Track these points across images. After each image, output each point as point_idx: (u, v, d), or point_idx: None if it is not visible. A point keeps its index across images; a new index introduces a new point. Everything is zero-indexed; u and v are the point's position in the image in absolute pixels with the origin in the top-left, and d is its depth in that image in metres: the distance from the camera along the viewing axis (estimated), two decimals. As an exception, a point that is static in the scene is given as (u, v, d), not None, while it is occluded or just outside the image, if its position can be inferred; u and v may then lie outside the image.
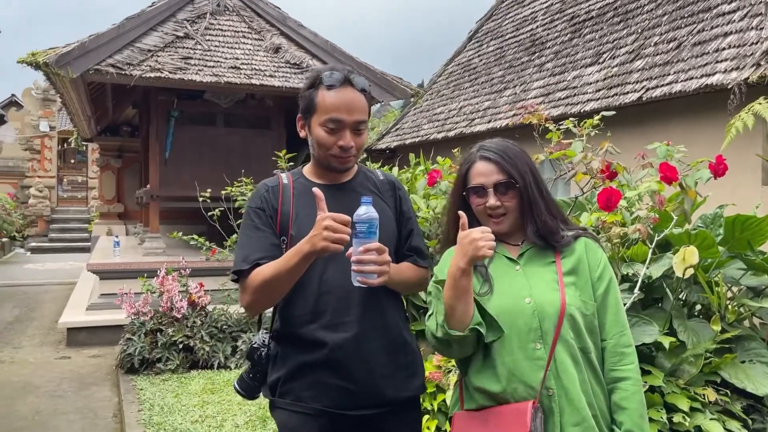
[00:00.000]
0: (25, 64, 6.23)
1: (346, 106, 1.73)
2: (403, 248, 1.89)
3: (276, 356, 1.83)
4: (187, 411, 4.41)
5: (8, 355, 6.45)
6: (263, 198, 1.82)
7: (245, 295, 1.75)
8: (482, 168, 1.69)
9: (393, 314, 1.83)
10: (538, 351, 1.58)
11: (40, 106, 20.80)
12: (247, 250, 1.76)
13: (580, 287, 1.63)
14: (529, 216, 1.67)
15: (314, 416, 1.75)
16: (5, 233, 16.41)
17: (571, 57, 7.67)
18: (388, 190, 1.91)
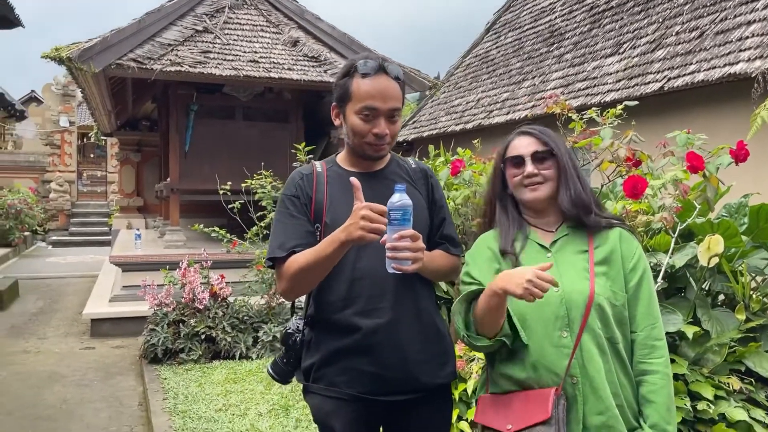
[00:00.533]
0: (48, 58, 6.32)
1: (380, 93, 1.74)
2: (435, 236, 1.90)
3: (310, 342, 1.85)
4: (210, 400, 4.47)
5: (34, 346, 6.58)
6: (298, 186, 1.84)
7: (282, 281, 1.78)
8: (520, 141, 1.75)
9: (426, 302, 1.85)
10: (564, 339, 1.59)
11: (59, 101, 21.02)
12: (282, 238, 1.78)
13: (612, 277, 1.64)
14: (564, 187, 1.69)
15: (347, 401, 1.77)
16: (27, 227, 16.62)
17: (590, 47, 7.62)
18: (421, 179, 1.92)
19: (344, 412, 1.78)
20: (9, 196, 16.21)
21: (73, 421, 4.43)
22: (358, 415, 1.79)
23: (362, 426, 1.81)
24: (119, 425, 4.36)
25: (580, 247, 1.68)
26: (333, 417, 1.79)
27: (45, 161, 19.88)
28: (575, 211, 1.68)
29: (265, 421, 4.02)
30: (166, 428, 4.00)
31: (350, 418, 1.78)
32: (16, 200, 16.12)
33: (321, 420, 1.84)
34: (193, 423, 4.03)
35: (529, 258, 1.69)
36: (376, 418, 1.84)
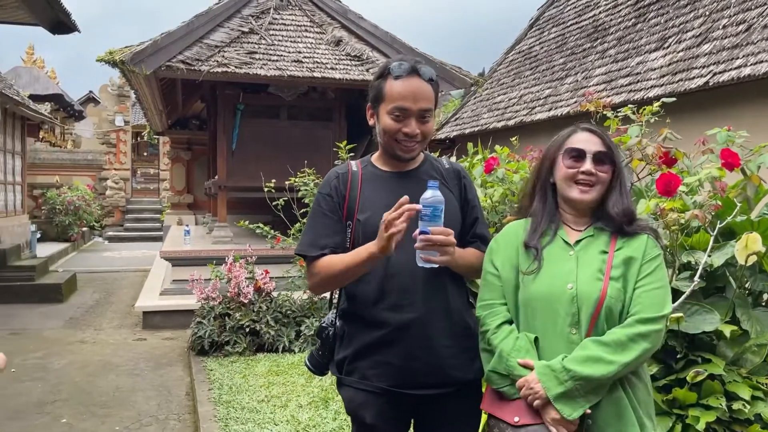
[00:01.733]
0: (103, 62, 6.60)
1: (412, 94, 1.79)
2: (467, 235, 1.94)
3: (343, 335, 1.92)
4: (253, 391, 4.62)
5: (90, 336, 6.89)
6: (332, 185, 1.91)
7: (312, 279, 1.88)
8: (585, 136, 1.75)
9: (456, 298, 1.89)
10: (573, 336, 1.63)
11: (115, 101, 21.80)
12: (314, 236, 1.87)
13: (628, 280, 1.65)
14: (618, 194, 1.72)
15: (379, 394, 1.83)
16: (85, 223, 17.31)
17: (634, 42, 7.48)
18: (454, 179, 1.96)
19: (375, 405, 1.84)
20: (68, 193, 16.91)
21: (126, 408, 4.65)
22: (388, 408, 1.85)
23: (392, 418, 1.87)
24: (168, 413, 4.55)
25: (601, 248, 1.70)
26: (364, 409, 1.86)
27: (102, 159, 20.64)
28: (621, 220, 1.69)
29: (305, 413, 4.13)
30: (211, 417, 4.16)
31: (381, 410, 1.84)
32: (74, 197, 16.81)
33: (353, 412, 1.90)
34: (237, 413, 4.18)
35: (553, 253, 1.72)
36: (407, 411, 1.90)
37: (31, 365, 5.72)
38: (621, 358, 1.57)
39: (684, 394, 2.41)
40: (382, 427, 1.87)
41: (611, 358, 1.57)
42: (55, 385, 5.15)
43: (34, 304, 8.66)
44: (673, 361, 2.56)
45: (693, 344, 2.52)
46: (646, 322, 1.60)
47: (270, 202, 6.37)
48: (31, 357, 5.99)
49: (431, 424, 1.92)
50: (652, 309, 1.61)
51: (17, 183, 12.13)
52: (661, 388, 2.52)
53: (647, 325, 1.59)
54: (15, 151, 11.96)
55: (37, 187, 17.23)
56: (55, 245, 14.70)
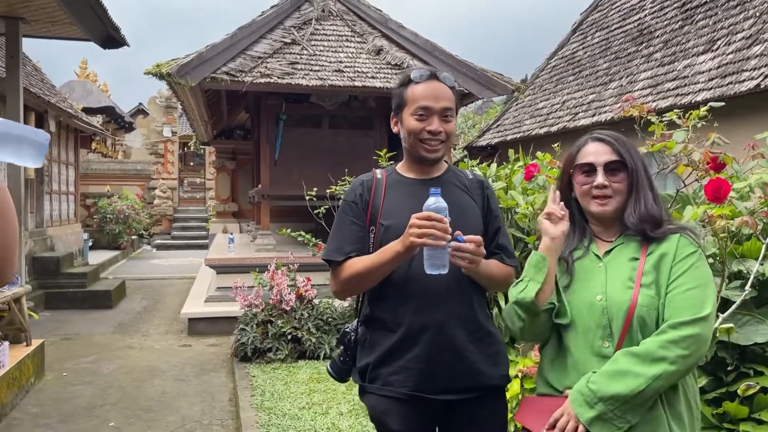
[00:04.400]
0: (151, 74, 6.79)
1: (433, 94, 1.85)
2: (490, 246, 1.92)
3: (365, 342, 1.93)
4: (295, 398, 4.66)
5: (138, 342, 7.07)
6: (357, 192, 1.95)
7: (336, 282, 1.90)
8: (594, 148, 1.68)
9: (478, 306, 1.89)
10: (606, 348, 1.56)
11: (163, 113, 22.45)
12: (340, 242, 1.89)
13: (660, 284, 1.56)
14: (634, 201, 1.63)
15: (402, 400, 1.83)
16: (134, 231, 17.80)
17: (681, 45, 7.29)
18: (477, 189, 1.97)
19: (399, 411, 1.84)
20: (118, 202, 17.44)
21: (171, 412, 4.75)
22: (412, 414, 1.84)
23: (417, 424, 1.86)
24: (211, 418, 4.62)
25: (632, 254, 1.62)
26: (388, 416, 1.86)
27: (150, 169, 21.22)
28: (642, 227, 1.61)
29: (345, 421, 4.14)
30: (253, 423, 4.21)
31: (405, 416, 1.84)
32: (124, 206, 17.33)
33: (377, 419, 1.91)
34: (278, 419, 4.22)
35: (584, 266, 1.68)
36: (432, 416, 1.88)
37: (82, 369, 5.90)
38: (650, 370, 1.45)
39: (735, 407, 2.33)
40: None
41: (639, 370, 1.46)
42: (104, 389, 5.30)
43: (86, 310, 8.95)
44: (724, 373, 2.48)
45: (744, 356, 2.44)
46: (680, 326, 1.47)
47: (311, 211, 6.43)
48: (82, 361, 6.18)
49: (456, 430, 1.91)
50: (686, 312, 1.48)
51: (70, 193, 12.57)
52: (710, 402, 2.45)
53: (680, 330, 1.47)
54: (69, 162, 12.40)
55: (90, 197, 17.82)
56: (106, 253, 15.16)
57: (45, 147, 1.18)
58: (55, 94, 11.18)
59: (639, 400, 1.46)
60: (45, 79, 11.51)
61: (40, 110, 9.82)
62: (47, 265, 9.56)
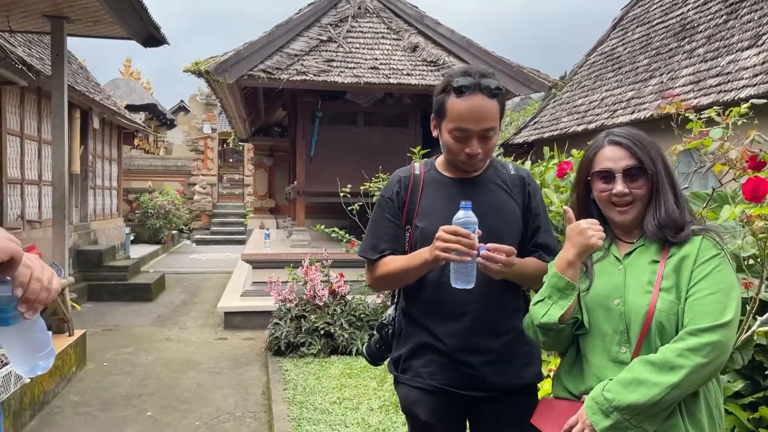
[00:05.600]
0: (189, 72, 6.93)
1: (473, 115, 1.74)
2: (529, 244, 1.90)
3: (400, 334, 1.96)
4: (326, 392, 4.70)
5: (176, 335, 7.23)
6: (394, 189, 1.94)
7: (371, 278, 1.94)
8: (611, 153, 1.60)
9: (512, 304, 1.88)
10: (623, 354, 1.52)
11: (203, 110, 22.84)
12: (375, 239, 1.92)
13: (682, 289, 1.49)
14: (654, 206, 1.57)
15: (432, 392, 1.86)
16: (174, 226, 18.18)
17: (725, 41, 7.08)
18: (518, 185, 1.92)
19: (428, 402, 1.86)
20: (159, 198, 17.83)
21: (206, 404, 4.84)
22: (441, 406, 1.86)
23: (446, 416, 1.88)
24: (244, 411, 4.70)
25: (652, 257, 1.56)
26: (417, 406, 1.88)
27: (190, 165, 21.62)
28: (661, 234, 1.55)
29: (375, 416, 4.16)
30: (284, 416, 4.26)
31: (434, 408, 1.86)
32: (165, 201, 17.71)
33: (407, 409, 1.93)
34: (309, 413, 4.26)
35: (604, 269, 1.63)
36: (461, 410, 1.90)
37: (122, 360, 6.06)
38: (667, 379, 1.40)
39: (772, 413, 2.27)
40: (435, 425, 1.89)
41: (656, 379, 1.41)
42: (142, 380, 5.44)
43: (126, 302, 9.19)
44: (761, 377, 2.42)
45: (786, 361, 2.37)
46: (699, 333, 1.41)
47: (345, 207, 6.46)
48: (122, 352, 6.35)
49: (486, 426, 1.91)
50: (705, 318, 1.42)
51: (113, 188, 12.91)
52: (746, 406, 2.39)
53: (699, 337, 1.40)
54: (112, 158, 12.74)
55: (132, 192, 18.28)
56: (147, 247, 15.51)
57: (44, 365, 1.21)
58: (99, 92, 11.49)
59: (656, 409, 1.42)
60: (90, 77, 11.84)
61: (85, 108, 10.11)
62: (90, 258, 9.85)
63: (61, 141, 5.86)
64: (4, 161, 7.67)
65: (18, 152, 8.15)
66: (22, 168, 8.25)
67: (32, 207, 8.64)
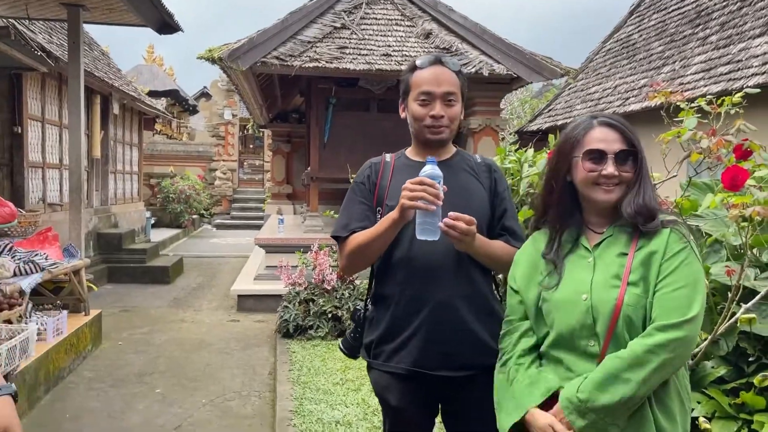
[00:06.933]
0: (203, 59, 7.04)
1: (435, 79, 1.90)
2: (496, 227, 1.98)
3: (372, 319, 2.01)
4: (330, 374, 4.81)
5: (190, 316, 7.41)
6: (366, 174, 2.04)
7: (342, 258, 1.98)
8: (603, 134, 1.59)
9: (481, 285, 1.93)
10: (591, 347, 1.53)
11: (224, 96, 23.04)
12: (347, 219, 1.97)
13: (650, 282, 1.51)
14: (635, 192, 1.56)
15: (402, 376, 1.90)
16: (195, 211, 18.45)
17: (738, 28, 6.97)
18: (484, 172, 2.02)
19: (399, 387, 1.91)
20: (180, 183, 18.09)
21: (214, 382, 4.99)
22: (412, 389, 1.91)
23: (417, 400, 1.93)
24: (250, 390, 4.84)
25: (621, 249, 1.57)
26: (388, 391, 1.93)
27: (211, 151, 21.88)
28: (635, 219, 1.55)
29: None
30: (287, 396, 4.39)
31: (405, 391, 1.91)
32: (186, 186, 17.97)
33: (379, 394, 1.99)
34: (311, 393, 4.38)
35: (573, 261, 1.63)
36: (432, 393, 1.94)
37: (136, 339, 6.25)
38: (638, 375, 1.44)
39: (751, 398, 2.30)
40: (407, 409, 1.93)
41: (628, 375, 1.44)
42: (155, 359, 5.61)
43: (145, 284, 9.42)
44: (746, 364, 2.45)
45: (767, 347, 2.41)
46: (666, 329, 1.44)
47: (355, 193, 6.52)
48: (138, 332, 6.54)
49: (457, 408, 1.96)
50: (673, 313, 1.45)
51: (134, 172, 13.15)
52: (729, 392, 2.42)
53: (667, 333, 1.44)
54: (132, 143, 12.97)
55: (154, 177, 18.57)
56: (168, 231, 15.80)
57: None
58: (120, 78, 11.69)
59: (629, 405, 1.46)
60: (111, 63, 12.04)
61: (105, 93, 10.31)
62: (110, 240, 10.09)
63: (77, 126, 6.03)
64: (26, 145, 7.89)
65: (39, 137, 8.37)
66: (43, 152, 8.46)
67: (53, 190, 8.87)
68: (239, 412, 4.41)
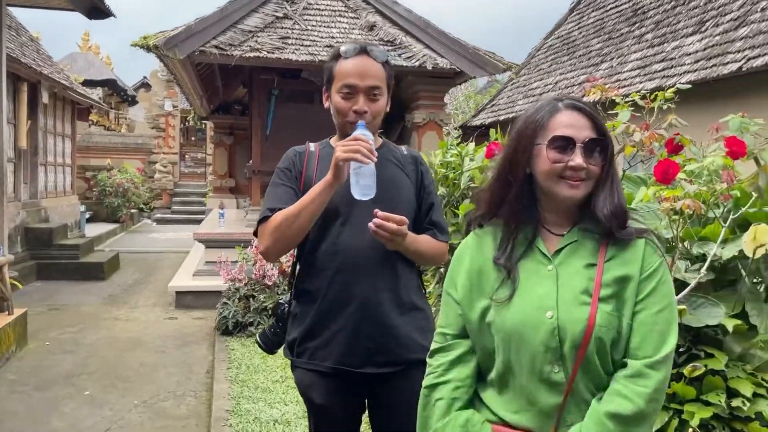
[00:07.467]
0: (137, 46, 6.76)
1: (359, 72, 1.81)
2: (423, 221, 1.94)
3: (295, 315, 1.92)
4: (270, 371, 4.70)
5: (125, 314, 7.13)
6: (291, 160, 1.95)
7: (263, 239, 1.82)
8: (571, 119, 1.33)
9: (407, 280, 1.88)
10: (555, 374, 1.29)
11: (165, 86, 22.35)
12: (272, 203, 1.85)
13: (624, 300, 1.30)
14: (608, 190, 1.33)
15: (327, 374, 1.83)
16: (134, 205, 17.89)
17: (672, 26, 7.20)
18: (411, 164, 1.97)
19: (323, 385, 1.84)
20: (118, 176, 17.48)
21: (148, 383, 4.80)
22: (337, 387, 1.85)
23: (343, 398, 1.87)
24: (185, 389, 4.68)
25: (588, 260, 1.34)
26: (312, 390, 1.86)
27: (151, 143, 21.24)
28: (612, 222, 1.32)
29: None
30: (225, 395, 4.26)
31: (329, 390, 1.84)
32: (123, 180, 17.37)
33: (303, 393, 1.91)
34: (250, 392, 4.27)
35: (529, 269, 1.37)
36: (358, 390, 1.89)
37: (66, 339, 5.97)
38: (645, 429, 1.27)
39: (682, 388, 2.33)
40: (332, 408, 1.87)
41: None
42: (85, 359, 5.36)
43: (77, 281, 9.03)
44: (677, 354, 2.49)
45: (698, 338, 2.45)
46: (658, 366, 1.26)
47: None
48: (67, 331, 6.25)
49: (383, 405, 1.91)
50: (659, 345, 1.28)
51: (66, 165, 12.58)
52: (660, 382, 2.45)
53: (660, 371, 1.26)
54: (65, 134, 12.40)
55: (90, 170, 17.87)
56: (105, 226, 15.24)
57: None
58: (51, 65, 11.15)
59: None
60: (41, 50, 11.47)
61: (33, 81, 9.80)
62: (40, 236, 9.62)
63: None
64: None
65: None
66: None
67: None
68: (173, 412, 4.25)
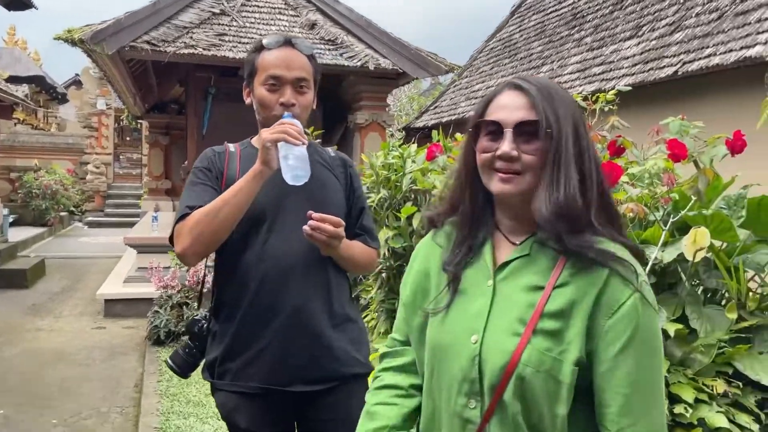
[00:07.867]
0: (61, 40, 6.37)
1: (284, 62, 1.70)
2: (354, 227, 1.83)
3: (215, 334, 1.75)
4: (203, 384, 4.45)
5: (48, 324, 6.71)
6: (210, 159, 1.79)
7: (180, 239, 1.62)
8: (507, 99, 1.11)
9: (339, 290, 1.75)
10: (471, 410, 1.09)
11: (97, 84, 21.44)
12: (190, 201, 1.67)
13: (567, 339, 1.04)
14: (549, 182, 1.06)
15: (253, 395, 1.68)
16: (63, 207, 17.09)
17: (610, 30, 7.34)
18: (339, 166, 1.86)
19: (249, 407, 1.69)
20: (45, 177, 16.64)
21: (70, 399, 4.49)
22: (265, 409, 1.70)
23: (271, 420, 1.72)
24: (111, 405, 4.39)
25: (534, 281, 1.09)
26: (237, 413, 1.70)
27: (83, 143, 20.35)
28: (556, 227, 1.05)
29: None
30: (153, 410, 4.01)
31: (256, 412, 1.69)
32: (51, 181, 16.55)
33: (226, 418, 1.75)
34: (180, 406, 4.04)
35: (471, 279, 1.16)
36: (287, 411, 1.75)
37: (-20, 353, 5.55)
38: None
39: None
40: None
41: None
42: (1, 375, 4.98)
43: (-2, 289, 8.47)
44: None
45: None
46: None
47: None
48: (-17, 345, 5.81)
49: (315, 424, 1.76)
50: (648, 413, 1.03)
51: (-12, 165, 11.87)
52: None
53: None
54: (-14, 133, 11.70)
55: (15, 170, 16.95)
56: (31, 230, 14.47)
57: None
58: (-31, 60, 10.48)
59: None
60: (-42, 43, 10.77)
61: (-51, 76, 9.17)
62: (-44, 241, 9.00)
63: None
64: None
65: None
66: None
67: None
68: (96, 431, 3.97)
